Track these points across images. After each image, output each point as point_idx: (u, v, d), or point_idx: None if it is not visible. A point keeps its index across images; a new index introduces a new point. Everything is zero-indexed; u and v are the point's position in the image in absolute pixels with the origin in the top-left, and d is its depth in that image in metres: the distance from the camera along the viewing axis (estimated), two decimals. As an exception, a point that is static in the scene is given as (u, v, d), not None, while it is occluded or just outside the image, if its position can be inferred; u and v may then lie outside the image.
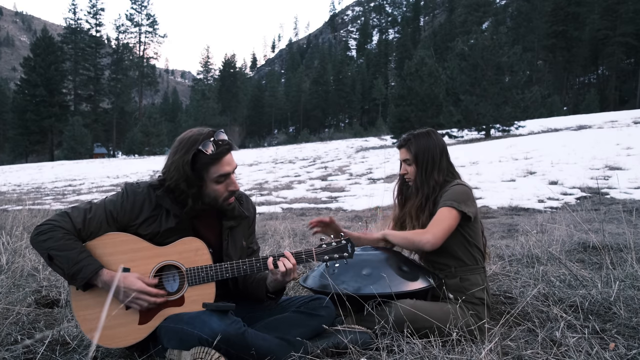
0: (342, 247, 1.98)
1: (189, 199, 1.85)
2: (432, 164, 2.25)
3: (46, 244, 1.73)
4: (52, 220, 1.79)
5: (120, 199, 1.88)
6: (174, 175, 1.82)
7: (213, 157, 1.81)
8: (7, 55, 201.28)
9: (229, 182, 1.88)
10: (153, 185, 1.92)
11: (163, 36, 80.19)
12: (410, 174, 2.32)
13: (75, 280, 1.73)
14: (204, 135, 1.83)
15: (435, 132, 2.36)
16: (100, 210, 1.84)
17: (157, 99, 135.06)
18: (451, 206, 2.12)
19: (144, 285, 1.78)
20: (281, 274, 1.88)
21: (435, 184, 2.25)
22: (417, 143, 2.28)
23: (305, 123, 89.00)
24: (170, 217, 1.87)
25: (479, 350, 1.71)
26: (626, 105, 52.94)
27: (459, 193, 2.16)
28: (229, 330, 1.68)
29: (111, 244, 1.83)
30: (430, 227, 2.12)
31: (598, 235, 3.79)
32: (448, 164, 2.31)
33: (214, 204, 1.91)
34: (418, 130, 2.35)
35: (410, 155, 2.29)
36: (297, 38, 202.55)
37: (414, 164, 2.29)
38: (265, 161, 26.59)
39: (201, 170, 1.82)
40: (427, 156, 2.26)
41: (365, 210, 8.06)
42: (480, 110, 23.85)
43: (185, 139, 1.85)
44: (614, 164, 10.35)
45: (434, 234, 2.09)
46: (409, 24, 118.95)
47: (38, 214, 6.82)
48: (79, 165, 35.27)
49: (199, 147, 1.79)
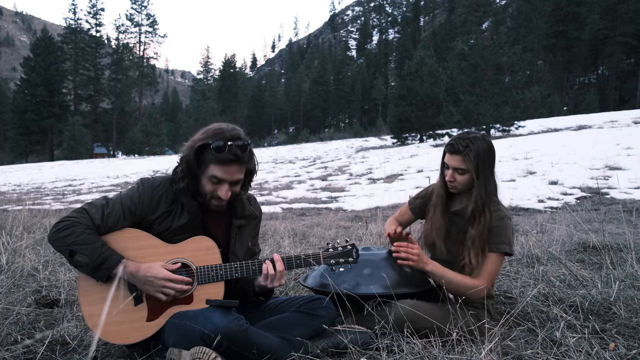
0: (348, 252, 2.02)
1: (185, 178, 1.86)
2: (492, 175, 2.09)
3: (68, 239, 1.74)
4: (70, 217, 1.79)
5: (137, 192, 1.88)
6: (185, 152, 1.86)
7: (215, 158, 1.81)
8: (7, 55, 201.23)
9: (220, 187, 1.86)
10: (171, 179, 1.93)
11: (163, 36, 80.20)
12: (459, 183, 2.11)
13: (101, 270, 1.74)
14: (226, 135, 1.81)
15: (489, 139, 2.12)
16: (117, 205, 1.85)
17: (157, 99, 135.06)
18: (503, 252, 2.06)
19: (169, 274, 1.80)
20: (264, 277, 1.89)
21: (492, 194, 2.10)
22: (478, 154, 2.03)
23: (305, 123, 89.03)
24: (184, 213, 1.89)
25: (479, 350, 1.71)
26: (626, 105, 52.94)
27: (507, 230, 2.06)
28: (232, 326, 1.68)
29: (123, 240, 1.84)
30: (484, 277, 2.05)
31: (598, 235, 3.79)
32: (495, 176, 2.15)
33: (203, 196, 1.91)
34: (473, 134, 2.09)
35: (467, 165, 2.04)
36: (297, 38, 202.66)
37: (472, 175, 2.07)
38: (265, 161, 26.58)
39: (201, 162, 1.84)
40: (487, 170, 2.06)
41: (365, 210, 8.06)
42: (480, 110, 23.84)
43: (212, 128, 1.87)
44: (614, 164, 10.35)
45: (487, 286, 2.04)
46: (409, 24, 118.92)
47: (38, 214, 6.82)
48: (79, 165, 35.26)
49: (210, 142, 1.80)
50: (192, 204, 1.89)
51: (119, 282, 1.79)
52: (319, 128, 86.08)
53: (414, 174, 13.64)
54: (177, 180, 1.90)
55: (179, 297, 1.83)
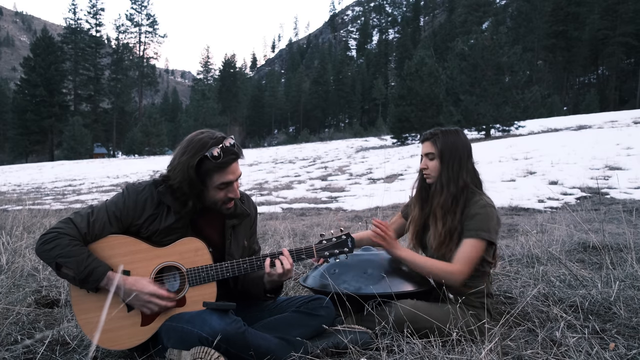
0: (342, 242, 1.98)
1: (189, 201, 1.85)
2: (460, 163, 2.14)
3: (53, 252, 1.72)
4: (56, 229, 1.78)
5: (122, 198, 1.88)
6: (178, 176, 1.82)
7: (218, 165, 1.80)
8: (7, 55, 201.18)
9: (230, 189, 1.88)
10: (155, 182, 1.92)
11: (163, 36, 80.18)
12: (431, 170, 2.19)
13: (88, 283, 1.73)
14: (213, 140, 1.81)
15: (463, 132, 2.24)
16: (102, 212, 1.84)
17: (157, 99, 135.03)
18: (482, 238, 2.03)
19: (155, 289, 1.79)
20: (277, 275, 1.89)
21: (464, 185, 2.12)
22: (444, 138, 2.16)
23: (305, 123, 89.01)
24: (171, 214, 1.87)
25: (479, 350, 1.71)
26: (626, 105, 52.93)
27: (489, 219, 2.05)
28: (229, 329, 1.68)
29: (109, 247, 1.82)
30: (460, 262, 2.02)
31: (598, 235, 3.79)
32: (473, 167, 2.21)
33: (212, 207, 1.91)
34: (446, 127, 2.24)
35: (435, 149, 2.16)
36: (297, 38, 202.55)
37: (438, 159, 2.16)
38: (265, 161, 26.58)
39: (205, 175, 1.82)
40: (454, 154, 2.14)
41: (365, 210, 8.05)
42: (480, 110, 23.85)
43: (194, 140, 1.83)
44: (614, 164, 10.34)
45: (463, 272, 2.01)
46: (409, 24, 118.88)
47: (38, 214, 6.82)
48: (79, 166, 35.26)
49: (205, 153, 1.78)
50: (175, 205, 1.87)
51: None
52: (319, 128, 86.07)
53: (414, 174, 13.62)
54: (158, 183, 1.89)
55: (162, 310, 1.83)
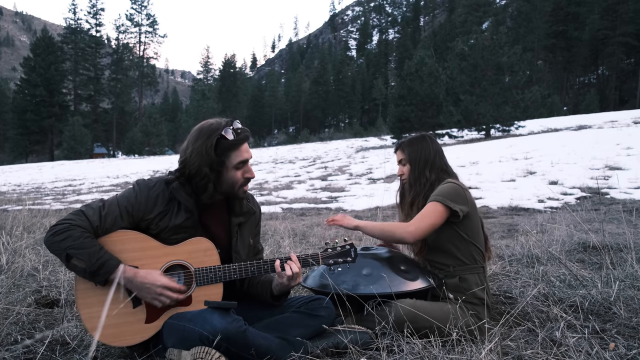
0: (347, 251, 2.04)
1: (209, 184, 1.88)
2: (425, 162, 2.31)
3: (64, 243, 1.72)
4: (67, 220, 1.78)
5: (134, 193, 1.88)
6: (195, 161, 1.85)
7: (234, 142, 1.87)
8: (7, 55, 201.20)
9: (247, 169, 1.95)
10: (167, 180, 1.93)
11: (163, 36, 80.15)
12: (405, 174, 2.38)
13: (98, 275, 1.73)
14: (224, 123, 1.90)
15: (430, 136, 2.42)
16: (114, 205, 1.85)
17: (157, 99, 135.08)
18: (437, 201, 2.13)
19: (167, 281, 1.79)
20: (287, 278, 1.92)
21: (426, 180, 2.29)
22: (410, 144, 2.36)
23: (305, 123, 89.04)
24: (181, 211, 1.88)
25: (479, 350, 1.71)
26: (626, 105, 52.94)
27: (448, 190, 2.17)
28: (230, 328, 1.68)
29: (120, 242, 1.83)
30: (415, 220, 2.14)
31: (598, 235, 3.79)
32: (443, 163, 2.34)
33: (230, 190, 1.94)
34: (413, 135, 2.45)
35: (404, 155, 2.37)
36: (297, 38, 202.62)
37: (407, 163, 2.36)
38: (265, 161, 26.59)
39: (222, 155, 1.87)
40: (419, 155, 2.32)
41: (365, 210, 8.06)
42: (480, 110, 23.85)
43: (205, 127, 1.90)
44: (614, 164, 10.34)
45: (417, 226, 2.10)
46: (409, 24, 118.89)
47: (38, 214, 6.82)
48: (79, 165, 35.27)
49: (221, 133, 1.85)
50: (188, 202, 1.89)
51: (118, 284, 1.78)
52: (319, 128, 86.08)
53: (414, 174, 13.60)
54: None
55: (173, 305, 1.83)
